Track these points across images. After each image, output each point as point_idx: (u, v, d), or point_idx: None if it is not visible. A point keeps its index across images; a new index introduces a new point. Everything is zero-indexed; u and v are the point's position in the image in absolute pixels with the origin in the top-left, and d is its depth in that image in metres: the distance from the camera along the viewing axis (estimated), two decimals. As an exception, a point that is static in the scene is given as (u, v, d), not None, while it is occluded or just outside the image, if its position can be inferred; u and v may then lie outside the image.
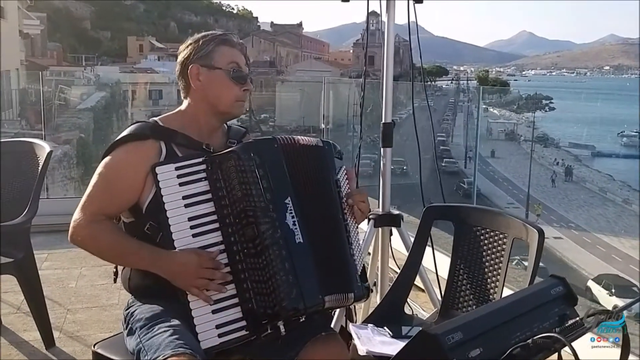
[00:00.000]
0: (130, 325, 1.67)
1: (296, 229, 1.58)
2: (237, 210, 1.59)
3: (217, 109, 1.79)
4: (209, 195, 1.63)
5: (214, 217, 1.62)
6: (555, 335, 0.98)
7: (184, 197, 1.62)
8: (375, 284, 2.79)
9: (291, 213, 1.59)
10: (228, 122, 1.90)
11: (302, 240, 1.58)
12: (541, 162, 36.36)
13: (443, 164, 28.73)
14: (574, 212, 29.13)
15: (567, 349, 1.00)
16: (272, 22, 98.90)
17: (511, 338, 1.07)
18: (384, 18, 2.55)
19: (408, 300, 2.74)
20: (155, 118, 1.79)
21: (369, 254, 2.75)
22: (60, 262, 4.13)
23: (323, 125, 6.67)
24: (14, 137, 3.19)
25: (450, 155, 32.63)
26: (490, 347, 1.03)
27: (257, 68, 65.45)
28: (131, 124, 1.75)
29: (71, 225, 1.69)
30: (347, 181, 1.79)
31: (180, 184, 1.62)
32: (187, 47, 1.79)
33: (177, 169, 1.64)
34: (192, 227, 1.61)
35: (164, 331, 1.53)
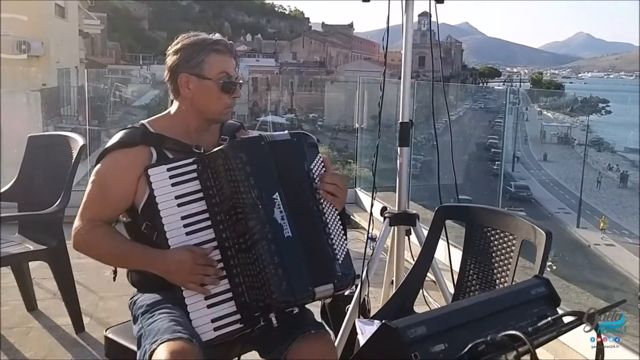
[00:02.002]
0: (134, 313, 1.75)
1: (284, 223, 1.61)
2: (227, 207, 1.64)
3: (206, 116, 1.82)
4: (200, 194, 1.68)
5: (206, 215, 1.67)
6: (517, 333, 0.97)
7: (177, 197, 1.67)
8: (392, 283, 2.80)
9: (279, 208, 1.62)
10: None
11: (290, 234, 1.60)
12: (595, 166, 35.13)
13: (495, 167, 28.11)
14: (628, 220, 28.02)
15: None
16: (323, 23, 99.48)
17: (481, 335, 1.06)
18: (404, 19, 2.56)
19: (431, 299, 2.74)
20: (144, 121, 1.83)
21: (385, 252, 2.76)
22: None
23: (357, 125, 6.65)
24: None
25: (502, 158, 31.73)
26: (456, 343, 1.02)
27: (307, 68, 65.78)
28: (121, 129, 1.79)
29: (72, 233, 1.76)
30: (323, 170, 1.76)
31: (173, 185, 1.67)
32: (177, 53, 1.80)
33: (169, 169, 1.69)
34: (185, 226, 1.66)
35: (165, 317, 1.59)
